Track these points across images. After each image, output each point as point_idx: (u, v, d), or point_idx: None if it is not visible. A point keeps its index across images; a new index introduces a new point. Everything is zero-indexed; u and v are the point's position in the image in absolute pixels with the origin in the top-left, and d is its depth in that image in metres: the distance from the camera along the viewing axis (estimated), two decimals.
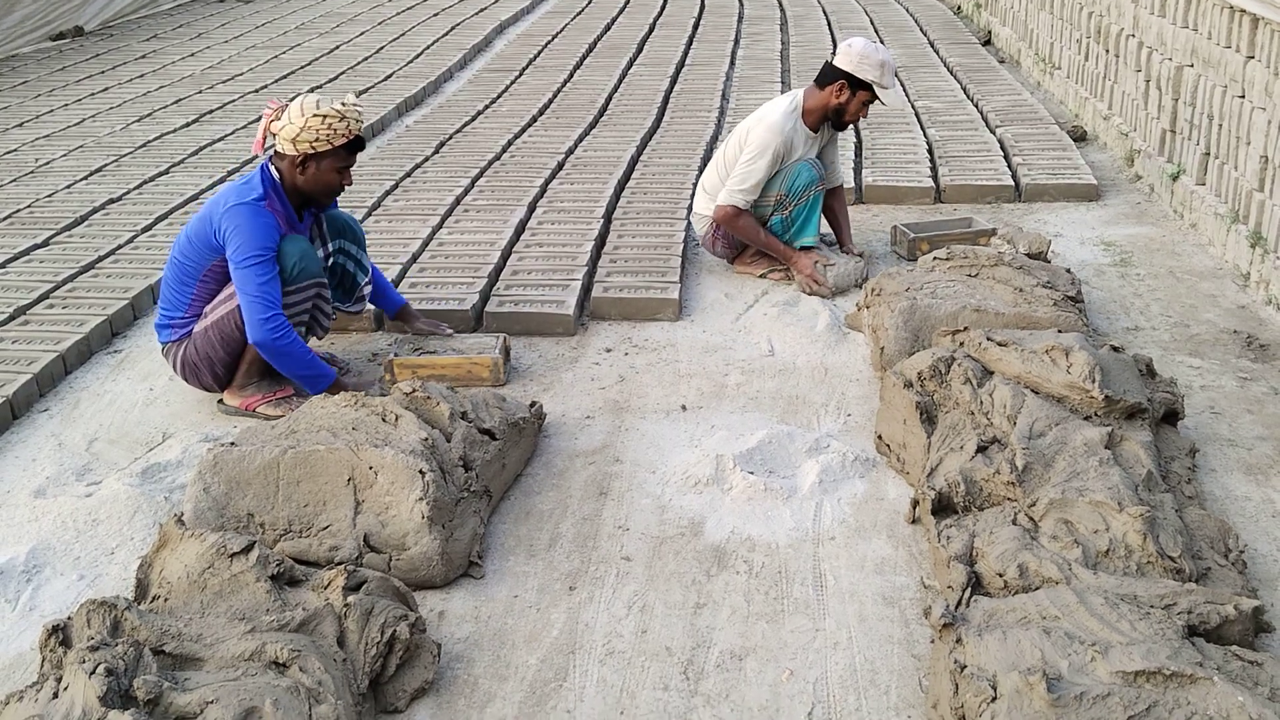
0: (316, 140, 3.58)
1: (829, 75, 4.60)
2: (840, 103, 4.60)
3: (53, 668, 2.44)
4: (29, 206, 5.70)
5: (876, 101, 4.60)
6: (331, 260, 3.95)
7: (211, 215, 3.65)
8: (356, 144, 3.68)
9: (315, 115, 3.55)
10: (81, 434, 3.76)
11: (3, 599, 2.95)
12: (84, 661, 2.29)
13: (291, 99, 3.69)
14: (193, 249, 3.70)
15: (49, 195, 5.87)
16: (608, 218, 5.36)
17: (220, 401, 3.86)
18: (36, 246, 5.18)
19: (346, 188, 3.79)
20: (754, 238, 4.72)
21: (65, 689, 2.29)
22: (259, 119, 7.26)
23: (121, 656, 2.32)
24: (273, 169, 3.70)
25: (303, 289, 3.74)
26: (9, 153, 6.70)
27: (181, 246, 3.74)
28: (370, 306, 4.29)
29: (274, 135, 3.66)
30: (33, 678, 2.60)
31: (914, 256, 4.87)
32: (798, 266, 4.67)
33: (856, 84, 4.55)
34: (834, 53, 4.67)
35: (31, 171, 6.31)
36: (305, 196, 3.74)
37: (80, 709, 2.23)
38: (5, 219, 5.53)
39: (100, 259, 5.02)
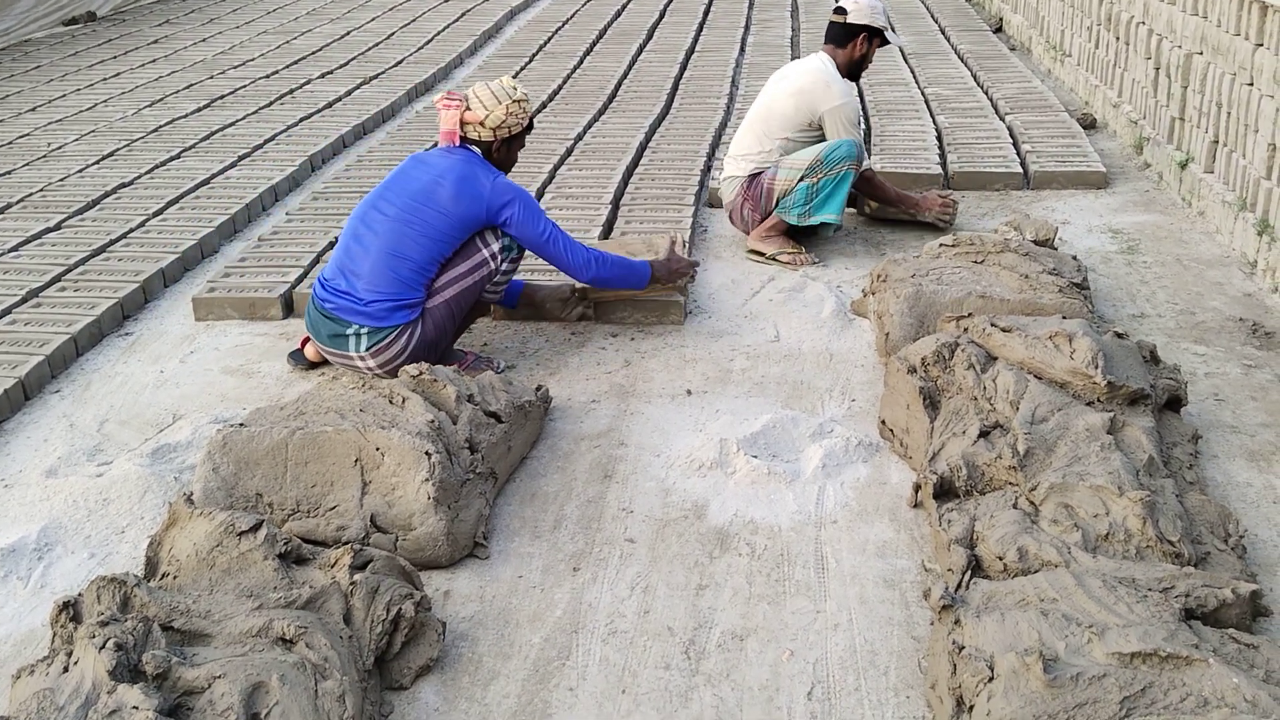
0: (514, 124, 3.87)
1: (849, 32, 4.82)
2: (863, 54, 4.86)
3: (63, 643, 2.48)
4: (41, 190, 5.74)
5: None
6: None
7: (478, 192, 3.77)
8: (531, 123, 4.01)
9: (514, 101, 3.84)
10: (92, 415, 3.80)
11: (15, 576, 2.99)
12: (94, 636, 2.32)
13: (473, 88, 3.90)
14: (451, 225, 3.75)
15: (61, 179, 5.91)
16: (616, 204, 5.38)
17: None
18: (49, 230, 5.22)
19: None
20: (887, 195, 5.08)
21: (75, 663, 2.33)
22: (270, 103, 7.29)
23: (131, 632, 2.36)
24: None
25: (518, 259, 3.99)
26: (21, 137, 6.74)
27: (427, 221, 3.73)
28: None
29: (465, 125, 3.84)
30: (44, 653, 2.64)
31: (863, 212, 5.28)
32: (928, 203, 5.08)
33: (873, 33, 4.82)
34: (838, 10, 4.84)
35: (44, 156, 6.35)
36: None
37: (90, 682, 2.27)
38: (18, 203, 5.57)
39: (112, 242, 5.05)
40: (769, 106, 4.86)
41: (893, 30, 4.91)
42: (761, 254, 4.86)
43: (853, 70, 4.90)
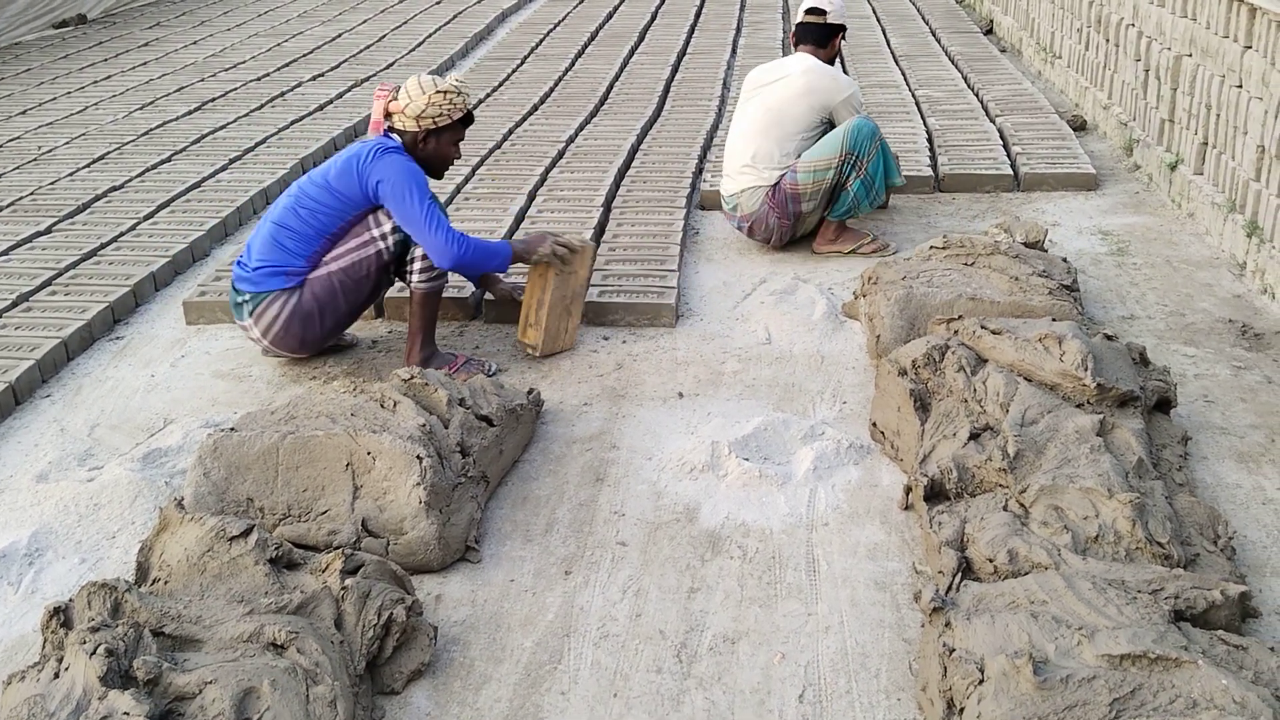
0: (439, 115, 3.80)
1: (830, 32, 4.92)
2: (838, 52, 5.02)
3: (54, 649, 2.48)
4: (31, 194, 5.73)
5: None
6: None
7: (358, 165, 3.80)
8: (469, 118, 3.94)
9: (438, 92, 3.79)
10: (83, 419, 3.79)
11: (5, 582, 2.99)
12: (85, 642, 2.32)
13: (405, 81, 3.89)
14: (333, 197, 3.82)
15: (51, 183, 5.90)
16: (608, 206, 5.38)
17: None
18: (39, 234, 5.21)
19: (457, 160, 4.02)
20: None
21: (66, 669, 2.33)
22: (260, 106, 7.29)
23: (122, 637, 2.36)
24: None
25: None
26: (12, 140, 6.73)
27: (311, 196, 3.85)
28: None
29: (390, 115, 3.83)
30: (34, 659, 2.64)
31: None
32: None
33: (841, 31, 4.98)
34: (816, 11, 4.88)
35: (34, 159, 6.34)
36: (423, 168, 3.91)
37: (81, 688, 2.27)
38: (8, 206, 5.56)
39: (102, 246, 5.05)
40: (780, 111, 4.80)
41: None
42: (838, 252, 4.93)
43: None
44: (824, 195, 4.78)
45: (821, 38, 4.90)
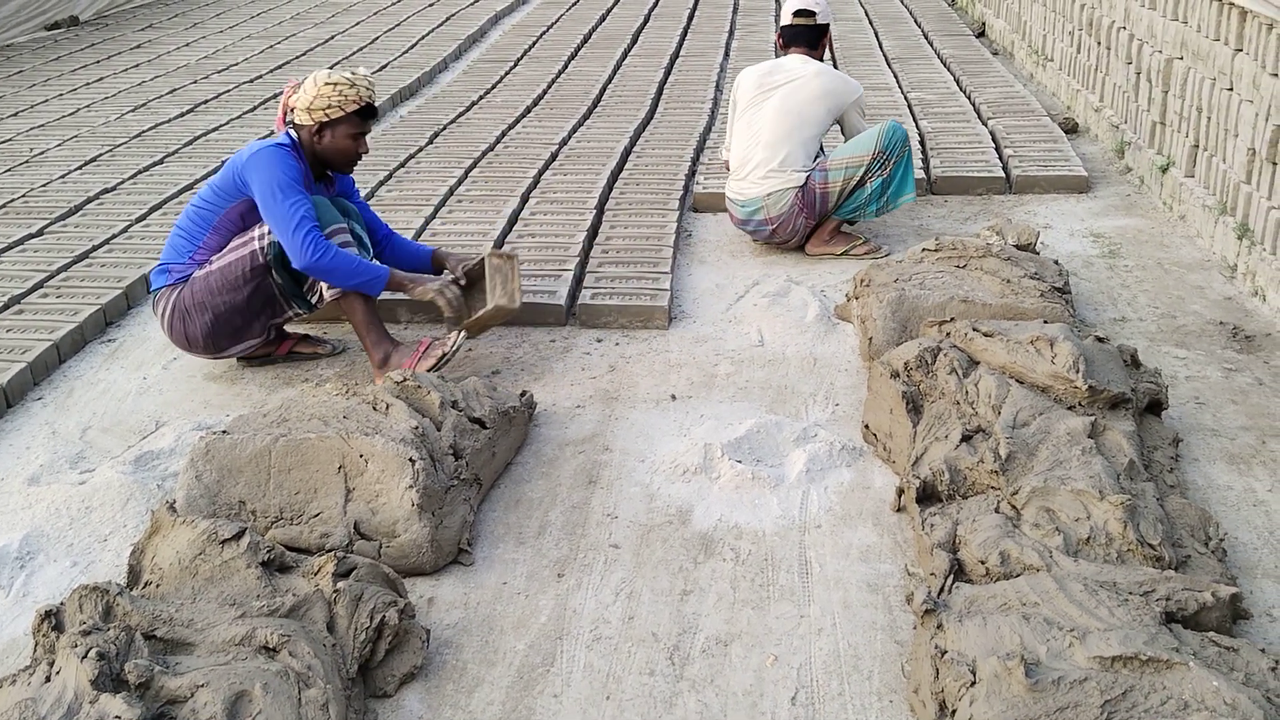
0: (329, 107, 3.76)
1: (819, 32, 4.93)
2: (830, 50, 5.12)
3: (45, 652, 2.47)
4: (23, 196, 5.72)
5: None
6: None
7: (236, 161, 3.81)
8: (368, 111, 3.85)
9: (327, 84, 3.75)
10: (75, 422, 3.79)
11: None
12: (76, 646, 2.32)
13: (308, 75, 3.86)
14: (215, 195, 3.84)
15: (43, 185, 5.89)
16: (600, 208, 5.39)
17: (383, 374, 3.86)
18: (31, 236, 5.20)
19: (364, 155, 3.95)
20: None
21: (57, 673, 2.33)
22: (254, 108, 7.28)
23: (113, 641, 2.35)
24: (292, 140, 3.87)
25: (334, 233, 3.83)
26: (3, 142, 6.71)
27: (201, 195, 3.88)
28: None
29: (293, 110, 3.83)
30: (25, 662, 2.63)
31: None
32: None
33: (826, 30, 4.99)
34: (805, 14, 4.88)
35: (26, 161, 6.33)
36: (325, 165, 3.91)
37: (72, 692, 2.26)
38: (0, 208, 5.54)
39: (94, 248, 5.04)
40: (800, 114, 4.78)
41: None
42: (831, 253, 4.93)
43: None
44: (848, 193, 4.81)
45: (813, 39, 4.93)
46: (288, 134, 3.88)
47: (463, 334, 3.90)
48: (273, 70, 8.40)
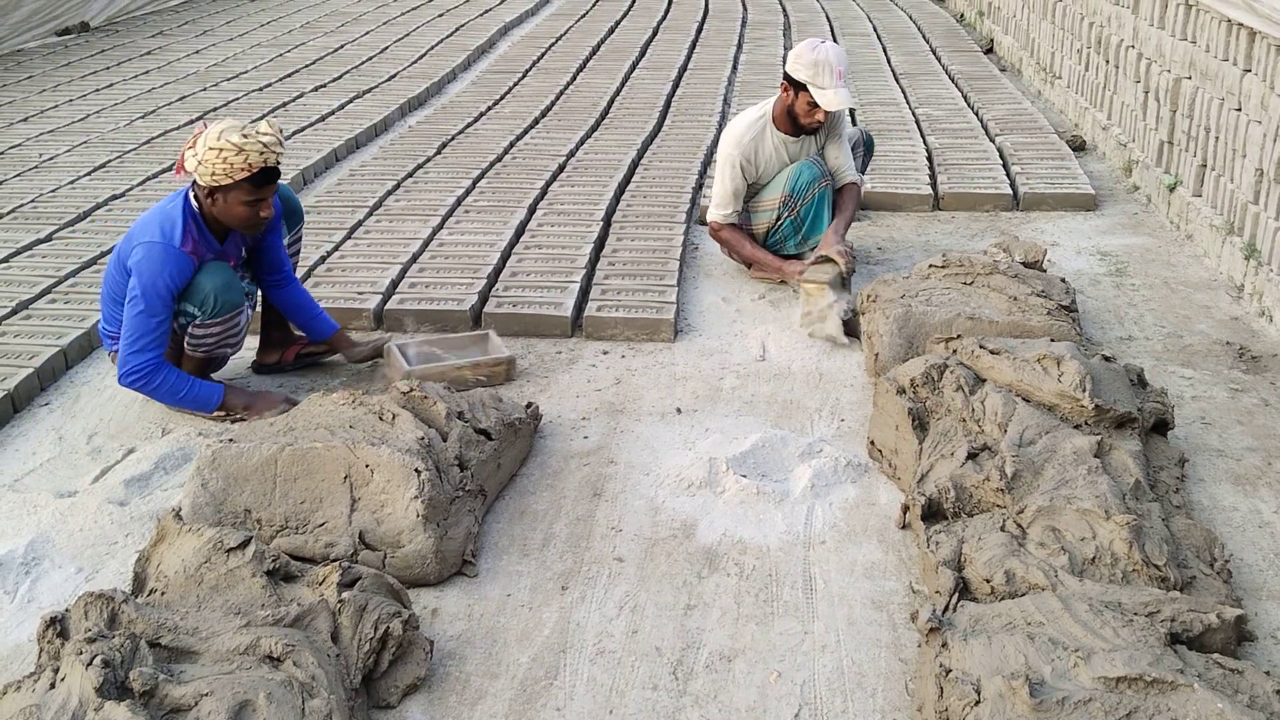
0: (214, 174, 3.47)
1: (783, 78, 4.63)
2: (790, 105, 4.60)
3: (50, 659, 2.47)
4: (33, 201, 5.73)
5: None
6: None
7: (128, 242, 3.64)
8: (263, 176, 3.52)
9: (212, 148, 3.44)
10: (82, 428, 3.79)
11: (1, 590, 2.99)
12: (81, 653, 2.32)
13: (212, 123, 3.57)
14: (115, 270, 3.70)
15: (53, 190, 5.90)
16: (607, 221, 5.40)
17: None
18: (40, 241, 5.21)
19: (266, 218, 3.63)
20: (740, 250, 4.77)
21: (62, 680, 2.33)
22: (262, 116, 7.30)
23: (118, 648, 2.35)
24: (192, 196, 3.64)
25: (221, 321, 3.71)
26: (13, 148, 6.73)
27: (111, 262, 3.74)
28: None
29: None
30: (30, 669, 2.63)
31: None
32: (787, 273, 4.69)
33: (795, 85, 4.52)
34: None
35: (35, 166, 6.34)
36: (230, 224, 3.65)
37: (77, 699, 2.26)
38: (9, 213, 5.56)
39: (103, 255, 5.04)
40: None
41: (837, 86, 4.43)
42: (770, 280, 4.84)
43: (794, 121, 4.63)
44: (771, 230, 4.79)
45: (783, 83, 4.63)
46: (186, 195, 3.63)
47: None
48: (281, 79, 8.42)
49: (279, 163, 3.58)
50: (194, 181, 3.59)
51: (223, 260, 3.73)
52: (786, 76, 4.55)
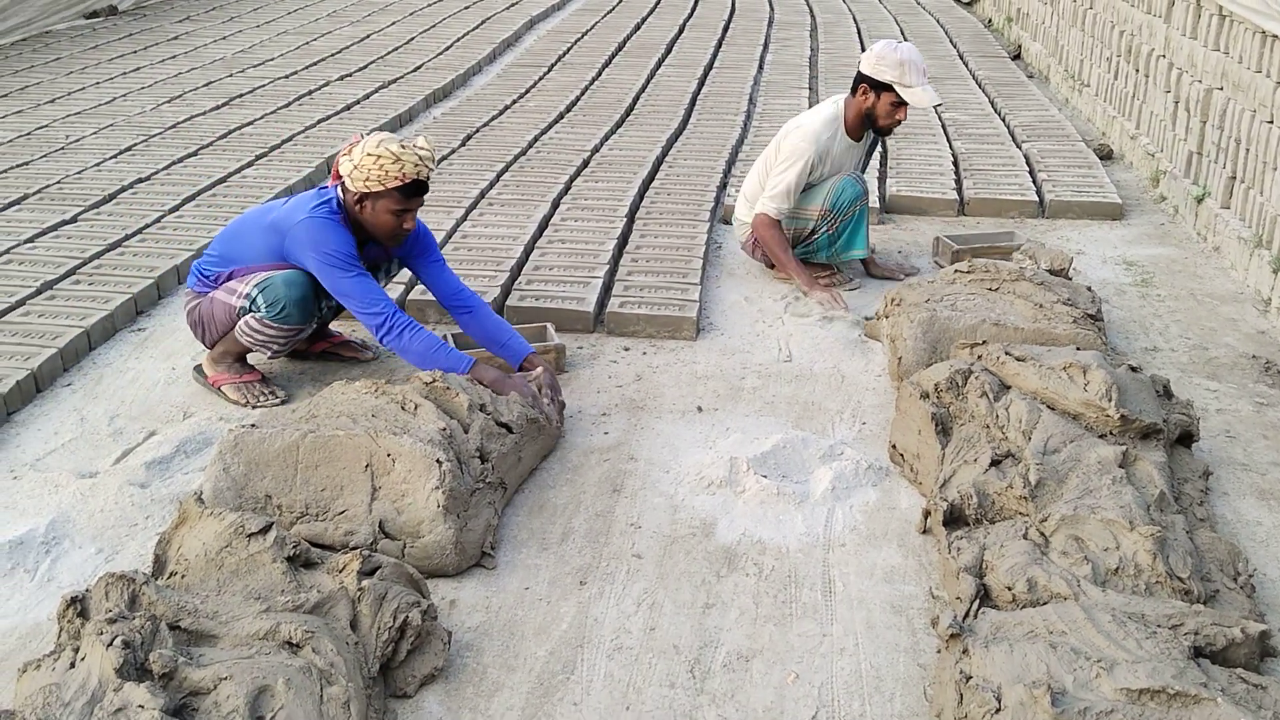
0: (368, 180, 3.52)
1: (856, 81, 4.60)
2: (868, 107, 4.58)
3: (70, 638, 2.48)
4: (58, 182, 5.75)
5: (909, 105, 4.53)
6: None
7: (283, 225, 3.66)
8: (414, 188, 3.58)
9: (369, 154, 3.50)
10: (104, 409, 3.80)
11: (22, 569, 2.99)
12: (102, 633, 2.33)
13: (369, 134, 3.61)
14: (259, 240, 3.71)
15: (78, 172, 5.93)
16: (631, 217, 5.39)
17: (197, 367, 3.92)
18: (65, 222, 5.23)
19: (409, 230, 3.66)
20: (777, 254, 4.70)
21: (82, 659, 2.33)
22: (288, 103, 7.31)
23: (139, 630, 2.36)
24: (338, 201, 3.68)
25: (276, 328, 3.73)
26: (40, 129, 6.76)
27: (250, 228, 3.78)
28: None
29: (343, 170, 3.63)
30: (49, 647, 2.63)
31: None
32: (811, 294, 4.64)
33: (878, 86, 4.52)
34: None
35: (62, 148, 6.37)
36: (366, 233, 3.69)
37: (97, 679, 2.27)
38: (35, 194, 5.58)
39: (127, 237, 5.06)
40: (766, 158, 4.80)
41: (923, 83, 4.47)
42: (793, 280, 4.83)
43: (868, 124, 4.65)
44: (801, 239, 4.77)
45: (853, 85, 4.64)
46: (334, 190, 3.69)
47: (258, 389, 3.84)
48: (308, 67, 8.44)
49: (430, 178, 3.64)
50: (341, 188, 3.63)
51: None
52: (866, 79, 4.52)
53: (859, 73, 4.57)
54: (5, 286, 4.48)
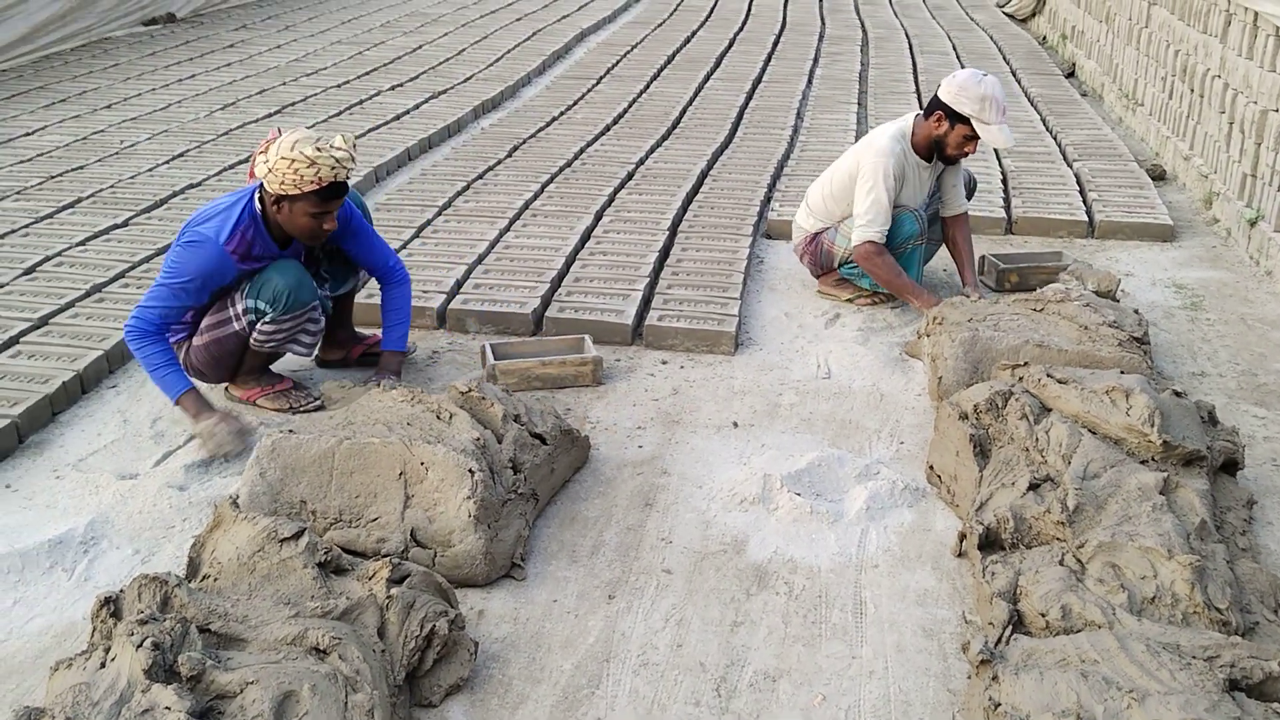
0: (283, 184, 3.46)
1: (932, 105, 4.49)
2: (939, 135, 4.48)
3: (102, 638, 2.51)
4: (111, 187, 5.85)
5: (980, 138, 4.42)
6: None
7: (186, 225, 3.64)
8: (330, 191, 3.52)
9: (284, 158, 3.43)
10: (146, 412, 3.85)
11: (60, 568, 3.04)
12: (132, 634, 2.35)
13: (287, 131, 3.55)
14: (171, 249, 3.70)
15: (131, 177, 6.02)
16: (673, 230, 5.38)
17: (226, 389, 3.93)
18: (116, 226, 5.32)
19: (329, 230, 3.61)
20: (890, 280, 4.55)
21: (113, 659, 2.36)
22: (339, 112, 7.39)
23: (169, 632, 2.38)
24: (258, 199, 3.64)
25: (292, 318, 3.70)
26: (96, 134, 6.88)
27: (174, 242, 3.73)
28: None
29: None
30: (83, 646, 2.67)
31: (1002, 288, 4.85)
32: (933, 313, 4.33)
33: (955, 116, 4.42)
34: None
35: (116, 153, 6.48)
36: (291, 233, 3.65)
37: (126, 680, 2.29)
38: (88, 197, 5.68)
39: None
40: (840, 165, 4.72)
41: (1001, 122, 4.36)
42: (836, 297, 4.83)
43: (936, 150, 4.55)
44: (850, 260, 4.70)
45: (927, 108, 4.54)
46: (251, 196, 3.63)
47: (296, 395, 3.87)
48: (359, 77, 8.53)
49: (349, 178, 3.59)
50: (261, 184, 3.61)
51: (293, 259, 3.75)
52: (943, 107, 4.42)
53: (937, 97, 4.47)
54: (56, 289, 4.56)
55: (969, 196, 4.96)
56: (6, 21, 8.65)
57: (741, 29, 10.84)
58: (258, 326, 3.70)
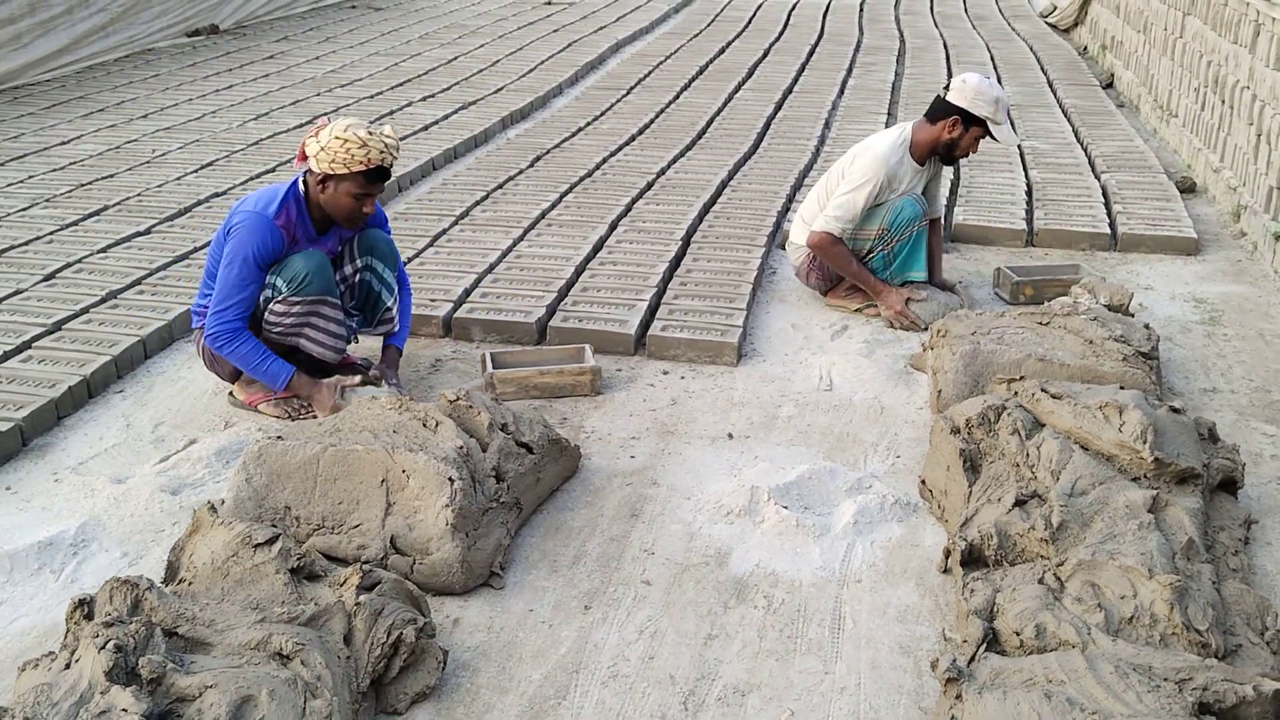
0: (334, 162, 3.61)
1: (942, 110, 4.54)
2: (952, 138, 4.54)
3: (74, 640, 2.54)
4: (138, 195, 5.95)
5: (988, 138, 4.55)
6: (358, 276, 3.99)
7: (230, 218, 3.77)
8: (377, 174, 3.67)
9: (337, 138, 3.60)
10: (149, 417, 3.91)
11: (48, 570, 3.08)
12: (97, 636, 2.38)
13: (337, 118, 3.68)
14: (216, 244, 3.83)
15: (159, 185, 6.12)
16: (687, 240, 5.37)
17: (230, 393, 3.98)
18: (138, 234, 5.41)
19: (368, 214, 3.77)
20: (845, 267, 4.64)
21: (77, 661, 2.39)
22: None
23: (133, 635, 2.40)
24: (302, 183, 3.78)
25: (303, 302, 3.76)
26: (129, 143, 7.00)
27: (215, 235, 3.86)
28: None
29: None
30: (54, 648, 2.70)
31: (1016, 300, 4.80)
32: (886, 302, 4.62)
33: (970, 120, 4.49)
34: (946, 87, 4.59)
35: (147, 162, 6.59)
36: (327, 215, 3.79)
37: (86, 681, 2.32)
38: (114, 206, 5.78)
39: (196, 250, 5.20)
40: (832, 172, 4.75)
41: (1010, 125, 4.56)
42: (845, 307, 4.81)
43: (941, 152, 4.61)
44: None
45: (934, 113, 4.58)
46: (296, 181, 3.78)
47: (296, 404, 3.89)
48: (393, 88, 8.61)
49: (392, 165, 3.74)
50: (306, 170, 3.74)
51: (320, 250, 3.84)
52: (959, 111, 4.48)
53: (949, 103, 4.50)
54: (73, 295, 4.65)
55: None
56: (50, 33, 8.84)
57: (778, 39, 10.82)
58: (269, 307, 3.77)
